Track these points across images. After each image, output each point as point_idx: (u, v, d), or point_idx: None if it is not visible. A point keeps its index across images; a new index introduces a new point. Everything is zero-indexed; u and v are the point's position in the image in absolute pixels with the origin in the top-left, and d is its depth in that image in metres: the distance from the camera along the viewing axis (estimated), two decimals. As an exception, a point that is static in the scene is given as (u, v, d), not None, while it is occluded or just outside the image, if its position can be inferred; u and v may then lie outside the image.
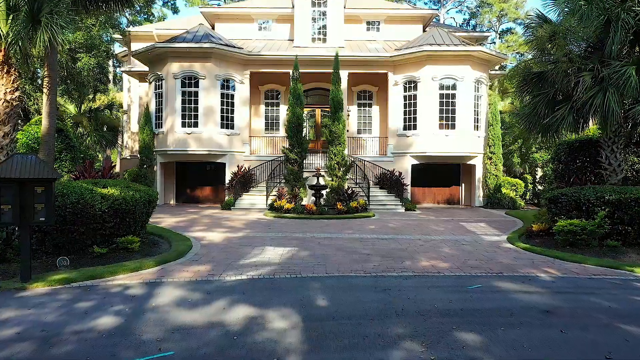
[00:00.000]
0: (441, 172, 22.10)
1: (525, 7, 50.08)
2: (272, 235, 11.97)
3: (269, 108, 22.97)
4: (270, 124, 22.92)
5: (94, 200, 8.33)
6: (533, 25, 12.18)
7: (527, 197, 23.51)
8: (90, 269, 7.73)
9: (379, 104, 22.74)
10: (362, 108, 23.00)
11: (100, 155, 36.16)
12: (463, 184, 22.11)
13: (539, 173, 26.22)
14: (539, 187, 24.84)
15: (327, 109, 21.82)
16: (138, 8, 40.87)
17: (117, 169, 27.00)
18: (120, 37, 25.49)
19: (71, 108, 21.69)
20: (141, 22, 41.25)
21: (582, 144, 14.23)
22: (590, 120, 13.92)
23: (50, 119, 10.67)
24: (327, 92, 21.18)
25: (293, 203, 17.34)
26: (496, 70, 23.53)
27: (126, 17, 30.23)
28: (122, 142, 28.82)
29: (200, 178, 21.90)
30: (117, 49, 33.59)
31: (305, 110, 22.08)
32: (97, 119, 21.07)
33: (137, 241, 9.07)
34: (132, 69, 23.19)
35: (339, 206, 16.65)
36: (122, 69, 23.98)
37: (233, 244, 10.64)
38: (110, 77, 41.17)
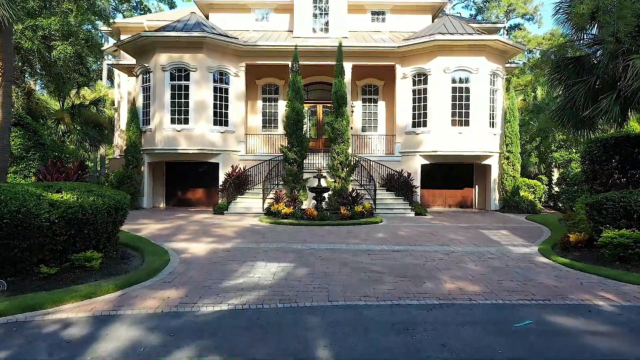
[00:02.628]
0: (453, 173, 20.43)
1: (534, 2, 48.44)
2: (265, 247, 10.32)
3: (267, 104, 21.33)
4: (268, 121, 21.29)
5: (40, 209, 6.69)
6: (567, 3, 10.49)
7: (543, 200, 21.81)
8: (29, 296, 6.09)
9: (385, 100, 21.08)
10: (367, 104, 21.35)
11: (91, 155, 34.65)
12: (477, 186, 20.42)
13: (555, 174, 24.54)
14: (556, 189, 23.16)
15: (329, 105, 20.21)
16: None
17: (109, 169, 25.44)
18: (110, 29, 23.92)
19: (53, 104, 20.09)
20: (136, 17, 39.65)
21: (619, 141, 12.56)
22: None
23: (3, 110, 9.04)
24: (330, 86, 19.54)
25: (292, 207, 15.70)
26: (510, 63, 21.80)
27: (114, 7, 28.56)
28: (114, 141, 27.26)
29: (193, 179, 20.27)
30: (111, 41, 32.00)
31: (306, 107, 20.46)
32: (80, 115, 19.45)
33: (98, 257, 7.43)
34: (120, 62, 21.60)
35: (342, 211, 15.00)
36: (109, 62, 22.42)
37: (218, 259, 8.99)
38: (105, 73, 39.68)
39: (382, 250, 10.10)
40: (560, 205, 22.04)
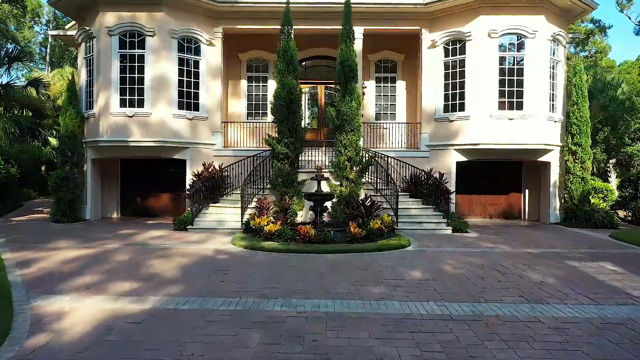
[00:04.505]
0: (495, 173, 15.70)
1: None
2: (215, 308, 5.61)
3: (253, 85, 16.62)
4: (255, 107, 16.57)
5: None
6: None
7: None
8: None
9: (406, 78, 16.32)
10: (382, 84, 16.59)
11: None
12: (527, 190, 15.63)
13: (613, 175, 19.71)
14: (616, 193, 18.31)
15: (333, 86, 15.48)
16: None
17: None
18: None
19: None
20: None
21: None
22: None
23: None
24: (334, 62, 14.90)
25: (280, 221, 11.01)
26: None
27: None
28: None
29: (157, 182, 15.63)
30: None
31: (304, 88, 15.81)
32: (8, 98, 14.87)
33: None
34: (68, 34, 16.98)
35: (352, 228, 10.25)
36: (53, 32, 17.87)
37: (99, 351, 4.31)
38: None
39: (431, 316, 5.36)
40: (625, 214, 17.25)
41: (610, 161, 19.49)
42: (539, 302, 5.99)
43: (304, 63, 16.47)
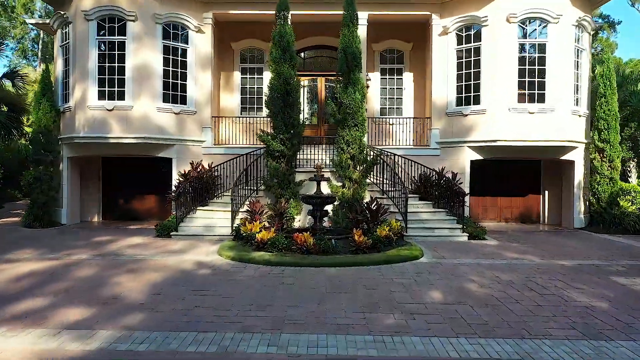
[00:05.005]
0: (510, 173, 14.37)
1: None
2: (178, 349, 4.28)
3: (248, 77, 15.27)
4: (250, 101, 15.25)
5: None
6: None
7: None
8: None
9: (414, 70, 14.98)
10: (387, 76, 15.24)
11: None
12: (546, 192, 14.29)
13: (633, 176, 18.43)
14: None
15: (334, 77, 14.15)
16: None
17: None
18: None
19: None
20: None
21: None
22: None
23: None
24: (335, 52, 13.64)
25: (275, 227, 9.72)
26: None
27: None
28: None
29: (143, 182, 14.31)
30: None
31: (304, 80, 14.54)
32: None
33: None
34: (46, 22, 15.66)
35: (356, 236, 8.91)
36: (30, 20, 16.59)
37: None
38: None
39: (466, 364, 4.05)
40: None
41: (633, 160, 18.21)
42: (598, 338, 4.67)
43: (302, 54, 15.20)
